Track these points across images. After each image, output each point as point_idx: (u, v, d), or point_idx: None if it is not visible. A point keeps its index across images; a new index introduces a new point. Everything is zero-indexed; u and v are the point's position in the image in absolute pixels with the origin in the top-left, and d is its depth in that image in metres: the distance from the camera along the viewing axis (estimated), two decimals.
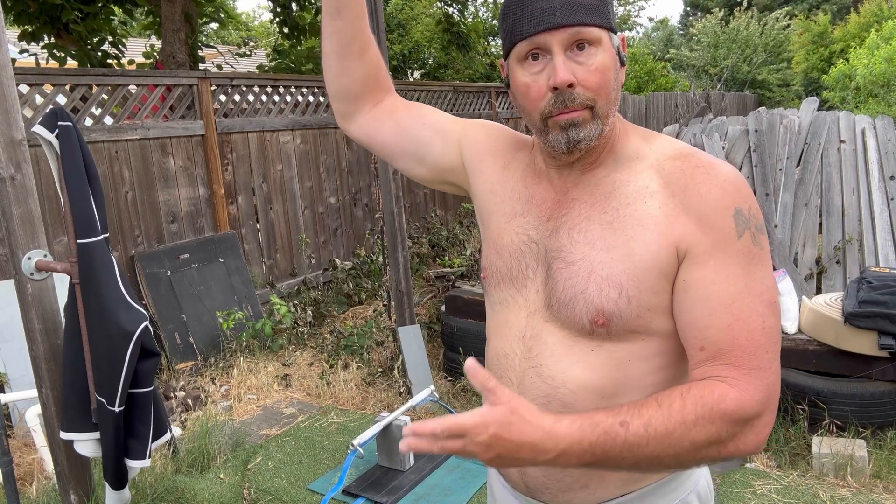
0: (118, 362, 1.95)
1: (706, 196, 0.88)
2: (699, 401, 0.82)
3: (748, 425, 0.83)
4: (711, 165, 0.91)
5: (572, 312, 0.93)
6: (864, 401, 2.84)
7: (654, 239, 0.89)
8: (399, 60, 11.66)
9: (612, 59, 0.91)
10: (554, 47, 0.88)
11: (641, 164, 0.95)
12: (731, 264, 0.86)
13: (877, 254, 4.00)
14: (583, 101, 0.89)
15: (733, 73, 17.89)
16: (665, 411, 0.81)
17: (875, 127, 4.57)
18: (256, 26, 22.63)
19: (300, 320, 4.78)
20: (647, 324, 0.91)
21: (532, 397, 0.95)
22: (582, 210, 0.96)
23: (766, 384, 0.84)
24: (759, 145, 4.54)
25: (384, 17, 3.65)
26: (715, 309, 0.86)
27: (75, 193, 1.94)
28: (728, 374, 0.84)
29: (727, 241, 0.86)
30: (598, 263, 0.92)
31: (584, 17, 0.88)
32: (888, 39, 9.99)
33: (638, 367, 0.93)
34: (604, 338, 0.92)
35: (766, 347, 0.85)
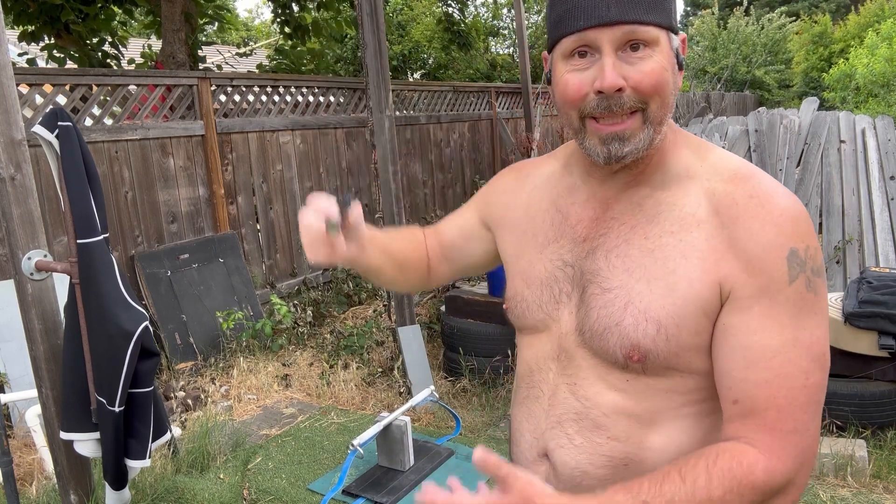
0: (118, 362, 1.95)
1: (758, 234, 0.79)
2: (727, 475, 0.75)
3: (779, 494, 0.77)
4: (769, 196, 0.81)
5: (605, 344, 0.86)
6: (864, 401, 2.84)
7: (698, 276, 0.81)
8: (399, 60, 11.66)
9: (669, 62, 0.81)
10: (604, 46, 0.79)
11: (692, 184, 0.86)
12: (779, 313, 0.78)
13: (877, 254, 4.00)
14: (633, 105, 0.80)
15: (733, 73, 17.90)
16: (689, 488, 0.74)
17: (875, 127, 4.57)
18: (257, 26, 22.64)
19: (300, 320, 4.78)
20: (687, 363, 0.84)
21: (562, 411, 0.92)
22: (622, 232, 0.88)
23: (800, 449, 0.78)
24: (759, 145, 4.54)
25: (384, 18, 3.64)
26: (754, 361, 0.78)
27: (75, 193, 1.94)
28: (760, 439, 0.77)
29: (777, 286, 0.78)
30: (636, 294, 0.84)
31: (641, 13, 0.78)
32: (888, 39, 9.99)
33: (677, 399, 0.86)
34: (639, 372, 0.85)
35: (805, 407, 0.78)
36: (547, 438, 0.93)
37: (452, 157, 7.83)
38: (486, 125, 8.52)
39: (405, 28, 12.48)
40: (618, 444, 0.88)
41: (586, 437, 0.89)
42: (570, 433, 0.91)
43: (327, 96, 5.97)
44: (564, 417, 0.91)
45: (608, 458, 0.88)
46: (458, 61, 11.62)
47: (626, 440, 0.87)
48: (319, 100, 5.87)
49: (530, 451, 0.96)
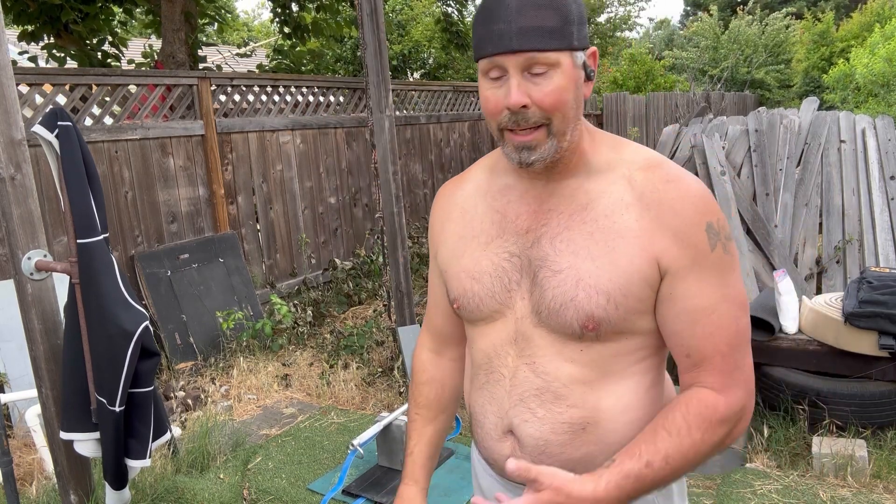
0: (118, 362, 1.95)
1: (680, 213, 0.94)
2: (699, 417, 0.93)
3: (738, 421, 0.96)
4: (681, 179, 0.97)
5: (563, 318, 0.98)
6: (864, 401, 2.84)
7: (637, 252, 0.95)
8: (399, 60, 11.66)
9: (570, 79, 0.93)
10: (510, 69, 0.92)
11: (612, 174, 1.00)
12: (708, 276, 0.95)
13: (877, 254, 4.00)
14: (537, 121, 0.93)
15: (733, 73, 17.89)
16: (676, 440, 0.91)
17: (875, 127, 4.57)
18: (257, 26, 22.64)
19: (300, 320, 4.78)
20: (632, 325, 0.98)
21: (524, 390, 1.03)
22: (561, 220, 1.00)
23: (744, 380, 0.96)
24: (760, 145, 4.54)
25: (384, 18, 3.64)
26: (697, 320, 0.95)
27: (75, 193, 1.94)
28: (714, 381, 0.95)
29: (703, 255, 0.94)
30: (584, 272, 0.96)
31: (539, 42, 0.90)
32: (888, 39, 10.00)
33: (623, 360, 1.01)
34: (592, 340, 0.98)
35: (741, 347, 0.97)
36: (511, 416, 1.05)
37: (452, 157, 7.83)
38: (485, 125, 8.52)
39: (405, 28, 12.48)
40: (576, 411, 1.01)
41: (548, 409, 1.01)
42: (533, 407, 1.02)
43: (327, 96, 5.97)
44: (527, 395, 1.03)
45: (568, 424, 1.01)
46: (457, 61, 11.62)
47: (583, 406, 1.00)
48: (319, 100, 5.87)
49: (495, 430, 1.07)
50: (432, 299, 1.26)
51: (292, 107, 5.61)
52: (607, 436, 1.01)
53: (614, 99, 11.84)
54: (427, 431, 1.24)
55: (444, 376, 1.26)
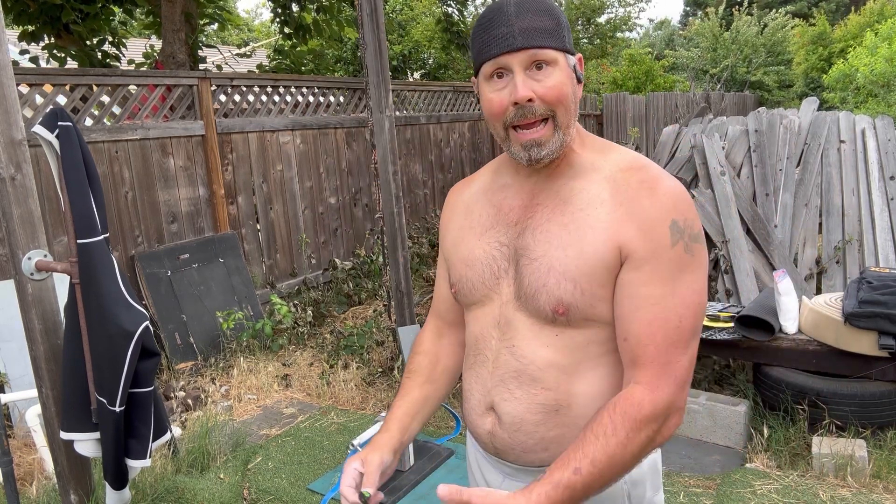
0: (119, 362, 1.95)
1: (647, 208, 1.00)
2: (623, 417, 0.95)
3: (667, 417, 0.98)
4: (656, 180, 1.02)
5: (537, 303, 1.05)
6: (864, 401, 2.84)
7: (602, 241, 1.01)
8: (399, 60, 11.66)
9: (568, 76, 1.02)
10: (515, 67, 1.00)
11: (597, 174, 1.07)
12: (663, 269, 0.99)
13: (877, 254, 4.00)
14: (542, 113, 1.00)
15: (733, 73, 17.89)
16: (602, 441, 0.94)
17: (875, 127, 4.57)
18: (257, 26, 22.64)
19: (300, 320, 4.78)
20: (600, 313, 1.03)
21: (504, 371, 1.11)
22: (544, 213, 1.08)
23: (674, 377, 0.98)
24: (759, 145, 4.54)
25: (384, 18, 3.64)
26: (640, 306, 0.99)
27: (75, 193, 1.94)
28: (643, 374, 0.99)
29: (662, 249, 0.99)
30: (556, 260, 1.04)
31: (540, 40, 0.99)
32: (888, 39, 10.00)
33: (595, 348, 1.06)
34: (565, 325, 1.05)
35: (678, 344, 0.99)
36: (493, 395, 1.13)
37: (452, 157, 7.83)
38: (485, 125, 8.52)
39: (405, 28, 12.48)
40: (550, 393, 1.07)
41: (525, 390, 1.08)
42: (511, 388, 1.10)
43: (327, 96, 5.97)
44: (507, 376, 1.10)
45: (542, 405, 1.08)
46: (458, 61, 11.62)
47: (556, 389, 1.07)
48: (319, 100, 5.87)
49: (479, 407, 1.16)
50: (437, 288, 1.34)
51: (292, 107, 5.61)
52: (578, 419, 1.06)
53: (614, 99, 11.84)
54: (413, 392, 1.27)
55: (439, 352, 1.32)
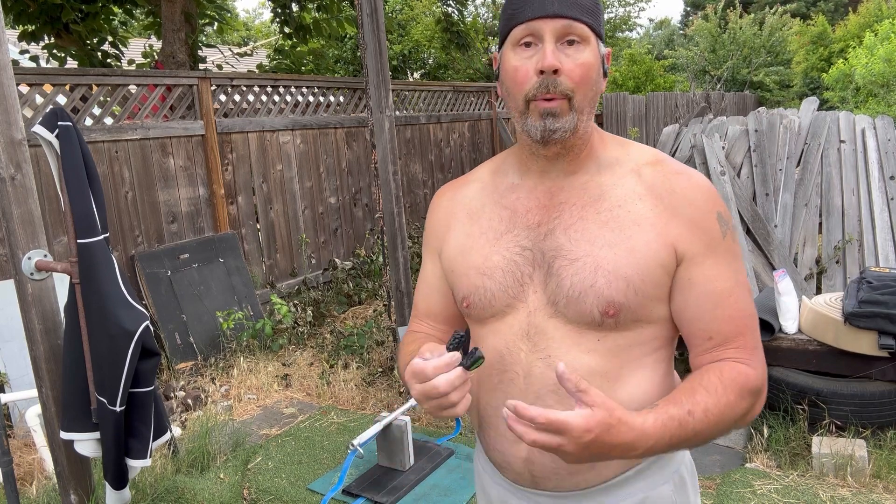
0: (119, 362, 1.95)
1: (693, 201, 0.98)
2: (734, 382, 0.94)
3: (761, 395, 0.98)
4: (688, 172, 1.01)
5: (583, 306, 0.97)
6: (864, 401, 2.84)
7: (653, 238, 0.97)
8: (399, 60, 11.66)
9: (595, 59, 0.97)
10: (546, 34, 0.94)
11: (621, 168, 1.03)
12: (722, 262, 0.98)
13: (877, 254, 4.00)
14: (563, 90, 0.95)
15: (733, 73, 17.89)
16: (714, 398, 0.92)
17: (875, 127, 4.57)
18: (257, 26, 22.64)
19: (300, 320, 4.78)
20: (649, 312, 0.99)
21: (540, 386, 1.00)
22: (574, 211, 1.01)
23: (762, 359, 1.00)
24: (759, 145, 4.54)
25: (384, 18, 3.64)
26: (718, 303, 0.97)
27: (75, 193, 1.94)
28: (741, 356, 0.97)
29: (716, 241, 0.98)
30: (603, 258, 0.97)
31: (577, 12, 0.94)
32: (886, 39, 10.00)
33: (638, 350, 1.01)
34: (611, 328, 0.98)
35: (755, 328, 1.00)
36: None
37: (452, 157, 7.83)
38: (486, 125, 8.52)
39: (405, 28, 12.48)
40: None
41: (566, 404, 0.95)
42: (551, 404, 0.99)
43: (327, 96, 5.97)
44: (543, 391, 1.00)
45: None
46: (457, 61, 11.62)
47: None
48: (319, 100, 5.87)
49: (510, 433, 0.96)
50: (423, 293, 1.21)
51: (292, 107, 5.61)
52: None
53: (614, 99, 11.84)
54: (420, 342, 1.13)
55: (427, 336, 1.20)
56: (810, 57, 17.83)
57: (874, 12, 16.12)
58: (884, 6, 16.28)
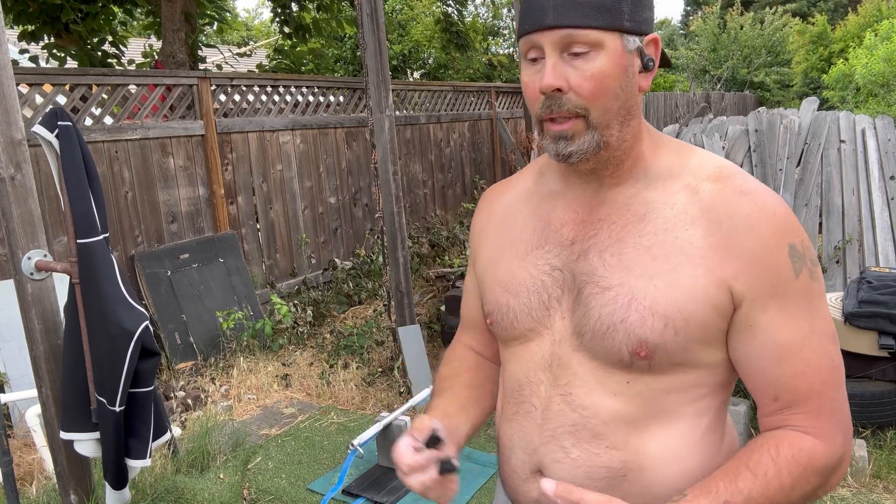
0: (119, 362, 1.95)
1: (758, 232, 0.81)
2: (792, 463, 0.80)
3: (834, 472, 0.83)
4: (758, 194, 0.83)
5: (610, 343, 0.85)
6: (864, 401, 2.84)
7: (702, 272, 0.82)
8: (399, 60, 11.67)
9: (617, 65, 0.82)
10: (546, 48, 0.82)
11: (676, 183, 0.87)
12: (794, 306, 0.82)
13: (877, 254, 4.00)
14: (572, 108, 0.83)
15: (734, 73, 17.90)
16: (761, 481, 0.78)
17: (875, 127, 4.57)
18: (257, 25, 22.65)
19: (300, 320, 4.78)
20: (693, 357, 0.85)
21: (557, 425, 0.91)
22: (612, 231, 0.88)
23: (843, 424, 0.83)
24: (760, 145, 4.54)
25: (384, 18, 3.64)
26: (784, 357, 0.82)
27: (75, 193, 1.94)
28: (809, 424, 0.82)
29: (786, 282, 0.81)
30: (639, 291, 0.84)
31: (578, 18, 0.80)
32: (886, 39, 10.00)
33: (677, 398, 0.87)
34: (643, 370, 0.85)
35: (837, 386, 0.83)
36: (541, 454, 0.92)
37: (452, 157, 7.83)
38: (486, 125, 8.52)
39: (405, 28, 12.48)
40: (616, 453, 0.87)
41: (584, 448, 0.89)
42: (566, 446, 0.90)
43: (327, 96, 5.97)
44: (560, 431, 0.90)
45: (607, 468, 0.88)
46: (457, 61, 11.62)
47: (625, 448, 0.87)
48: (319, 100, 5.87)
49: (522, 469, 0.95)
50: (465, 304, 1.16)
51: (292, 107, 5.61)
52: (652, 486, 0.87)
53: None
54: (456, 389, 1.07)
55: (477, 359, 1.14)
56: (810, 57, 17.83)
57: (874, 12, 16.12)
58: (884, 6, 16.28)
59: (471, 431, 1.03)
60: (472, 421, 1.04)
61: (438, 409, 1.02)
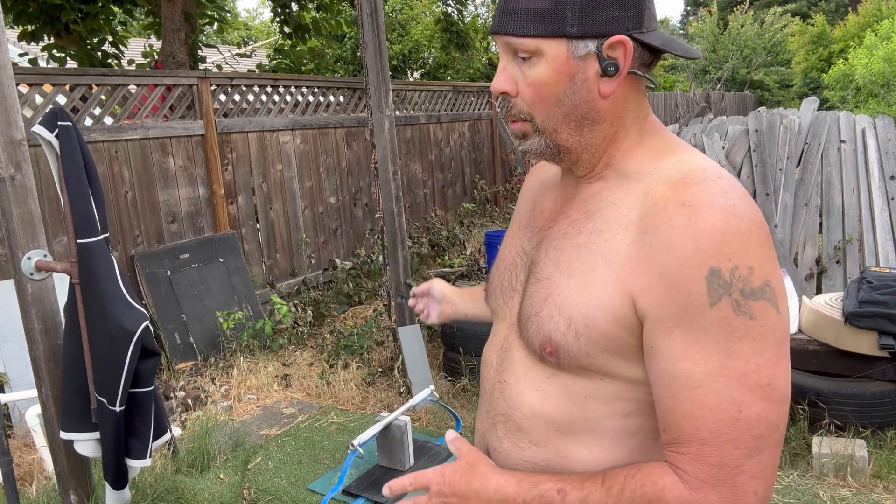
0: (119, 362, 1.95)
1: (676, 247, 0.73)
2: (638, 491, 0.74)
3: None
4: (702, 206, 0.73)
5: (528, 333, 0.87)
6: (864, 401, 2.84)
7: (613, 281, 0.78)
8: (399, 60, 11.67)
9: (559, 73, 0.79)
10: (500, 52, 0.83)
11: (638, 185, 0.82)
12: (702, 338, 0.72)
13: (877, 254, 4.00)
14: (518, 113, 0.84)
15: (733, 73, 17.90)
16: (604, 492, 0.76)
17: (875, 127, 4.57)
18: (257, 25, 22.65)
19: (300, 320, 4.78)
20: (601, 366, 0.81)
21: (496, 413, 0.93)
22: (563, 225, 0.88)
23: (728, 486, 0.71)
24: (760, 145, 4.54)
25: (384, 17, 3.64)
26: (678, 392, 0.73)
27: (75, 193, 1.94)
28: (683, 467, 0.73)
29: (696, 308, 0.72)
30: (556, 287, 0.83)
31: (515, 26, 0.79)
32: (886, 39, 10.00)
33: (596, 409, 0.83)
34: (556, 367, 0.84)
35: (736, 442, 0.71)
36: (487, 439, 0.96)
37: (452, 157, 7.83)
38: (486, 125, 8.52)
39: (405, 28, 12.48)
40: (538, 450, 0.88)
41: (511, 440, 0.90)
42: (500, 435, 0.92)
43: (327, 96, 5.97)
44: (498, 419, 0.93)
45: (531, 463, 0.88)
46: (457, 61, 11.62)
47: (546, 446, 0.87)
48: (319, 100, 5.87)
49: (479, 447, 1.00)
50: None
51: (292, 107, 5.61)
52: None
53: None
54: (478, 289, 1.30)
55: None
56: (810, 57, 17.84)
57: (874, 12, 16.12)
58: (884, 6, 16.28)
59: (472, 316, 1.31)
60: (479, 312, 1.29)
61: (462, 288, 1.36)
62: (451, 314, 1.32)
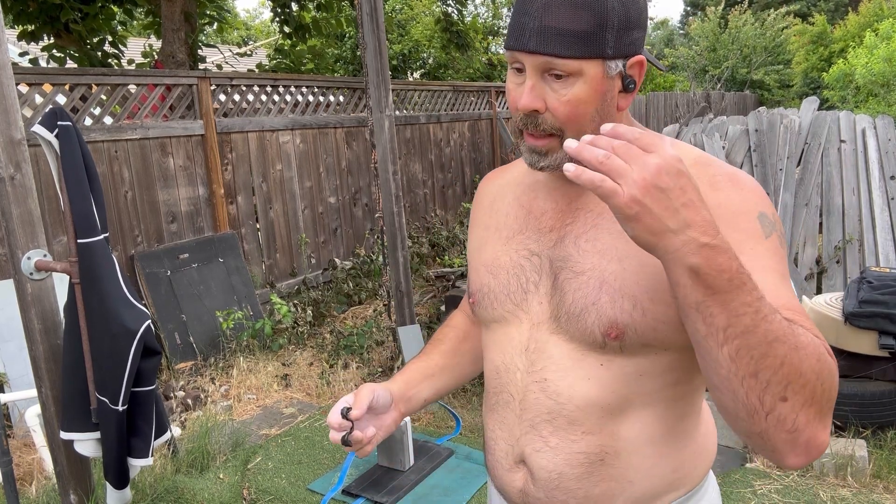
0: (121, 361, 1.95)
1: (728, 200, 0.82)
2: (802, 332, 0.71)
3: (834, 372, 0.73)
4: (733, 173, 0.86)
5: (583, 324, 0.87)
6: (864, 401, 2.84)
7: None
8: (399, 60, 11.67)
9: (595, 91, 0.83)
10: (527, 68, 0.84)
11: None
12: (763, 257, 0.79)
13: (877, 253, 4.00)
14: (548, 129, 0.86)
15: (733, 73, 17.90)
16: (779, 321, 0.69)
17: (875, 127, 4.57)
18: (257, 25, 22.65)
19: (300, 320, 4.78)
20: (663, 337, 0.85)
21: (534, 414, 0.93)
22: (588, 219, 0.91)
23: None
24: (760, 145, 4.54)
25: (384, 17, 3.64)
26: (763, 286, 0.72)
27: (75, 193, 1.94)
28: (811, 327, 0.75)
29: (756, 239, 0.80)
30: (609, 273, 0.86)
31: (559, 47, 0.80)
32: (886, 39, 10.00)
33: (649, 383, 0.88)
34: (616, 352, 0.87)
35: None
36: (522, 444, 0.94)
37: (452, 157, 7.83)
38: (486, 125, 8.52)
39: (405, 28, 12.49)
40: (593, 438, 0.89)
41: (561, 436, 0.90)
42: (545, 435, 0.92)
43: (327, 96, 5.97)
44: (538, 420, 0.92)
45: (584, 454, 0.90)
46: (457, 61, 11.63)
47: (600, 432, 0.89)
48: (319, 99, 5.87)
49: (506, 460, 0.97)
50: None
51: (292, 106, 5.61)
52: (628, 471, 0.89)
53: None
54: (432, 357, 1.17)
55: (469, 330, 1.20)
56: (810, 57, 17.84)
57: (874, 12, 16.12)
58: (884, 6, 16.28)
59: (433, 397, 1.15)
60: (438, 388, 1.16)
61: (405, 374, 1.14)
62: (406, 412, 1.12)
